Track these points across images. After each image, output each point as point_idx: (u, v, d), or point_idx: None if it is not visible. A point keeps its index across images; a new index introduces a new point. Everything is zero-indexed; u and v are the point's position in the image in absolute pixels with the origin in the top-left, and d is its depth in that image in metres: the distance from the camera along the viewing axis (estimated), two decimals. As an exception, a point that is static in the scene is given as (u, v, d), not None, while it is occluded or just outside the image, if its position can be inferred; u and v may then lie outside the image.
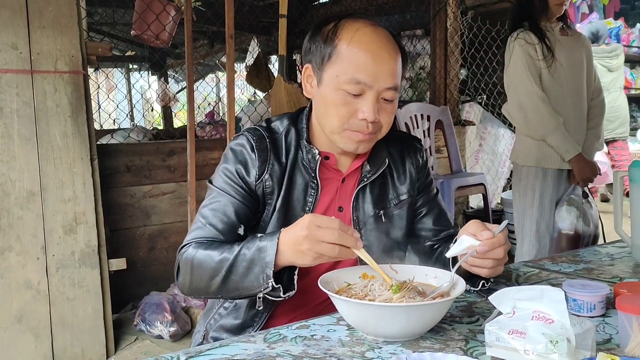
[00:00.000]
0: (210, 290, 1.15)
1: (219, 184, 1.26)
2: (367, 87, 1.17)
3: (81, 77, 2.66)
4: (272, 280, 1.06)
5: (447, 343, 0.98)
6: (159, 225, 3.38)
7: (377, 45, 1.18)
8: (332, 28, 1.21)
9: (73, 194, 2.63)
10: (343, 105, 1.19)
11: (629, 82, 9.21)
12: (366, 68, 1.16)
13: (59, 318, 2.62)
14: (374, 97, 1.18)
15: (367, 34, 1.19)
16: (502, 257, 1.09)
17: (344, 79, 1.17)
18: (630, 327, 0.91)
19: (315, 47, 1.23)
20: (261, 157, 1.25)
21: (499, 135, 4.93)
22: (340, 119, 1.20)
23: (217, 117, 5.74)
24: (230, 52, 3.13)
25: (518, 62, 2.65)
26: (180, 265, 1.21)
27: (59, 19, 2.59)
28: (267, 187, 1.25)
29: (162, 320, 2.87)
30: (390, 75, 1.19)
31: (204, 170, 3.33)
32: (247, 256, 1.09)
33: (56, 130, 2.60)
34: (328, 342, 0.99)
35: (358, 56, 1.17)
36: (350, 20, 1.21)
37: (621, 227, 1.56)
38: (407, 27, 5.30)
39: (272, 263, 1.05)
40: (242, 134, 1.29)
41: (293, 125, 1.31)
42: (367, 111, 1.18)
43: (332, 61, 1.19)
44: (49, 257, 2.59)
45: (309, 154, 1.27)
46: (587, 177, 2.66)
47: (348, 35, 1.19)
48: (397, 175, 1.36)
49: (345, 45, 1.18)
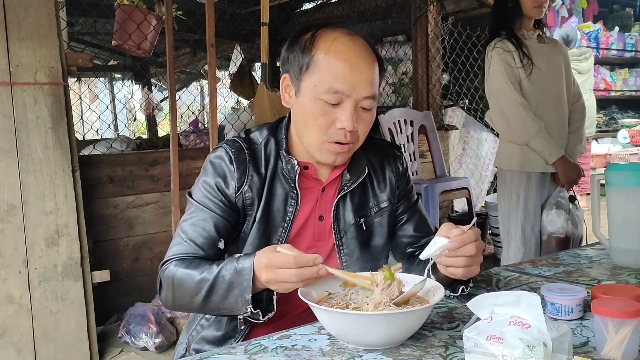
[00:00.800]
0: (193, 307, 1.17)
1: (198, 197, 1.26)
2: (345, 96, 1.18)
3: (61, 88, 2.64)
4: (250, 306, 1.08)
5: (427, 350, 0.98)
6: (143, 235, 3.35)
7: (354, 55, 1.19)
8: (310, 38, 1.21)
9: (55, 206, 2.61)
10: (321, 115, 1.19)
11: (609, 84, 9.34)
12: (344, 77, 1.17)
13: (42, 332, 2.59)
14: (352, 106, 1.19)
15: (344, 43, 1.19)
16: (474, 253, 1.09)
17: (322, 89, 1.18)
18: (606, 330, 0.92)
19: (292, 57, 1.24)
20: (240, 168, 1.25)
21: (482, 139, 4.98)
22: (319, 130, 1.20)
23: (201, 125, 5.72)
24: (212, 60, 3.13)
25: (497, 71, 2.69)
26: (162, 282, 1.21)
27: (38, 30, 2.58)
28: (246, 198, 1.25)
29: (147, 332, 2.85)
30: (368, 84, 1.19)
31: (188, 180, 3.31)
32: (226, 278, 1.10)
33: (37, 142, 2.57)
34: (309, 351, 1.00)
35: (335, 66, 1.17)
36: (327, 29, 1.22)
37: (599, 230, 1.58)
38: (389, 33, 5.33)
39: (250, 288, 1.06)
40: (220, 146, 1.29)
41: (272, 135, 1.31)
42: (346, 120, 1.18)
43: (309, 71, 1.20)
44: (31, 270, 2.56)
45: (288, 164, 1.27)
46: (571, 179, 2.70)
47: (325, 44, 1.19)
48: (377, 183, 1.37)
49: (322, 55, 1.19)
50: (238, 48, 6.32)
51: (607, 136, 8.54)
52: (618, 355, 0.91)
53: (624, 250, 1.47)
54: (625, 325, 0.91)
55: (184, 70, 8.16)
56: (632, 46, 9.33)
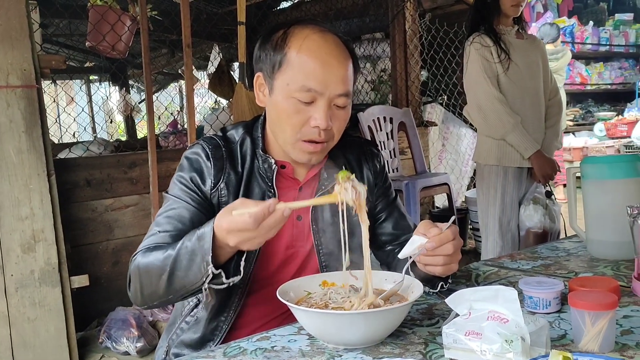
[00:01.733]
0: (160, 292, 1.12)
1: (174, 192, 1.25)
2: (318, 94, 1.17)
3: (35, 90, 2.59)
4: (211, 266, 1.02)
5: (407, 347, 0.98)
6: (123, 238, 3.31)
7: (325, 52, 1.18)
8: (282, 35, 1.20)
9: (30, 211, 2.56)
10: (295, 113, 1.18)
11: (584, 78, 9.46)
12: (315, 75, 1.16)
13: (20, 339, 2.54)
14: (326, 104, 1.18)
15: (315, 40, 1.18)
16: (452, 252, 1.08)
17: (294, 87, 1.17)
18: (583, 323, 0.93)
19: (265, 55, 1.23)
20: (217, 165, 1.24)
21: (461, 134, 5.00)
22: (292, 128, 1.20)
23: (180, 126, 5.68)
24: (188, 61, 3.10)
25: (475, 66, 2.71)
26: (130, 276, 1.19)
27: (9, 33, 2.52)
28: (222, 195, 1.24)
29: (128, 336, 2.82)
30: (341, 82, 1.19)
31: (167, 181, 3.23)
32: (188, 248, 1.06)
33: (10, 147, 2.52)
34: (288, 352, 0.99)
35: (307, 64, 1.16)
36: (299, 27, 1.21)
37: (576, 223, 1.60)
38: (367, 31, 5.34)
39: (209, 249, 1.01)
40: (197, 143, 1.28)
41: (248, 134, 1.30)
42: (319, 118, 1.17)
43: (282, 69, 1.19)
44: (7, 277, 2.51)
45: (265, 163, 1.26)
46: (547, 173, 2.73)
47: (297, 42, 1.18)
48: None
49: (294, 53, 1.17)
50: (216, 48, 6.28)
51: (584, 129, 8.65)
52: (595, 347, 0.92)
53: (601, 242, 1.48)
54: (601, 317, 0.91)
55: (161, 71, 8.09)
56: (606, 40, 9.47)
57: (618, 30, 9.55)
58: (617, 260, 1.44)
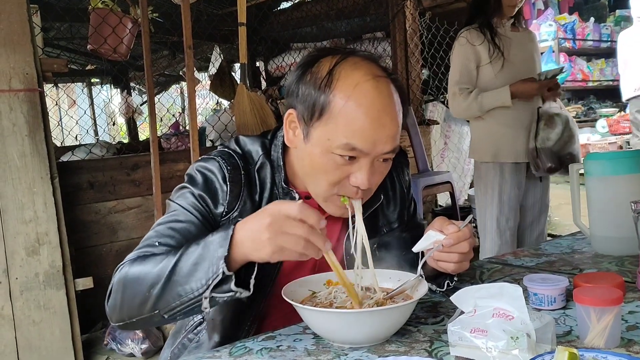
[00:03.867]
0: (146, 305, 0.99)
1: (181, 202, 1.13)
2: (363, 154, 1.04)
3: (37, 94, 2.60)
4: (223, 265, 0.91)
5: (412, 345, 0.98)
6: (126, 240, 3.32)
7: (378, 108, 1.03)
8: (327, 77, 1.04)
9: (34, 214, 2.57)
10: (334, 170, 1.06)
11: (586, 74, 9.44)
12: (363, 135, 1.02)
13: (26, 342, 2.55)
14: (369, 163, 1.05)
15: (368, 91, 1.03)
16: (467, 251, 1.07)
17: (336, 144, 1.03)
18: (589, 319, 0.93)
19: (302, 94, 1.07)
20: (233, 191, 1.12)
21: (463, 133, 5.00)
22: (329, 184, 1.08)
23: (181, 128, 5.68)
24: (190, 62, 3.10)
25: (455, 60, 2.76)
26: (112, 287, 1.05)
27: (10, 37, 2.53)
28: None
29: (133, 338, 2.83)
30: (391, 140, 1.05)
31: (170, 183, 3.29)
32: (194, 253, 0.95)
33: (13, 150, 2.53)
34: (294, 352, 0.99)
35: (355, 120, 1.02)
36: (348, 67, 1.05)
37: (579, 219, 1.60)
38: (367, 30, 5.34)
39: (224, 255, 0.91)
40: (214, 158, 1.14)
41: (267, 157, 1.17)
42: (360, 179, 1.05)
43: (323, 119, 1.04)
44: (11, 280, 2.52)
45: (287, 195, 1.15)
46: (534, 90, 2.66)
47: (346, 90, 1.02)
48: (387, 201, 1.29)
49: (341, 103, 1.02)
50: (217, 49, 6.29)
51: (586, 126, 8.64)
52: (601, 343, 0.92)
53: (605, 238, 1.48)
54: (607, 313, 0.91)
55: (163, 72, 8.10)
56: (607, 36, 9.45)
57: (619, 26, 9.52)
58: (621, 256, 1.44)
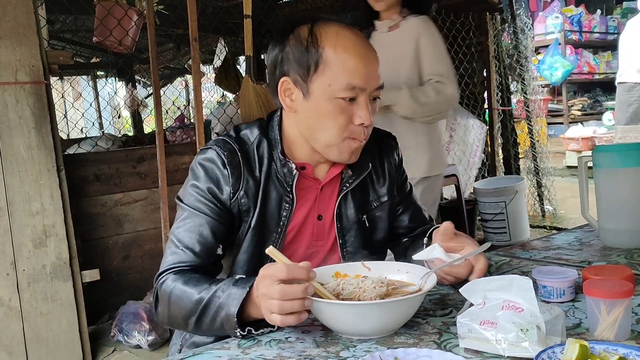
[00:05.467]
0: (188, 329, 1.13)
1: (190, 202, 1.19)
2: (361, 90, 1.15)
3: (43, 87, 2.60)
4: (238, 330, 1.01)
5: (421, 337, 0.98)
6: (132, 233, 3.33)
7: (361, 47, 1.17)
8: (310, 37, 1.16)
9: (41, 206, 2.58)
10: (340, 114, 1.16)
11: (592, 67, 9.38)
12: (358, 72, 1.14)
13: (33, 334, 2.56)
14: (366, 100, 1.17)
15: (349, 37, 1.16)
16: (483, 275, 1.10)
17: (338, 87, 1.14)
18: (599, 311, 0.93)
19: (293, 59, 1.17)
20: (234, 173, 1.18)
21: (469, 125, 4.98)
22: (339, 129, 1.17)
23: (187, 121, 5.68)
24: (195, 55, 3.10)
25: None
26: (158, 296, 1.15)
27: (17, 29, 2.53)
28: (242, 204, 1.19)
29: (139, 330, 2.84)
30: (378, 74, 1.19)
31: (176, 176, 3.29)
32: (220, 299, 1.03)
33: (20, 143, 2.54)
34: (303, 343, 0.99)
35: (348, 61, 1.14)
36: (323, 25, 1.17)
37: (588, 212, 1.59)
38: (373, 22, 5.31)
39: (235, 314, 0.99)
40: (210, 148, 1.21)
41: (264, 135, 1.24)
42: (364, 116, 1.16)
43: (319, 71, 1.15)
44: (19, 272, 2.53)
45: (284, 167, 1.21)
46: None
47: (331, 41, 1.15)
48: (377, 177, 1.33)
49: (331, 52, 1.14)
50: (222, 42, 6.27)
51: (592, 119, 8.59)
52: (611, 336, 0.91)
53: (613, 231, 1.48)
54: (617, 305, 0.91)
55: (168, 65, 8.08)
56: (614, 29, 9.39)
57: (626, 18, 9.46)
58: (630, 248, 1.43)
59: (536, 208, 5.36)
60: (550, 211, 5.36)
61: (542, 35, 8.96)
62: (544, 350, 0.83)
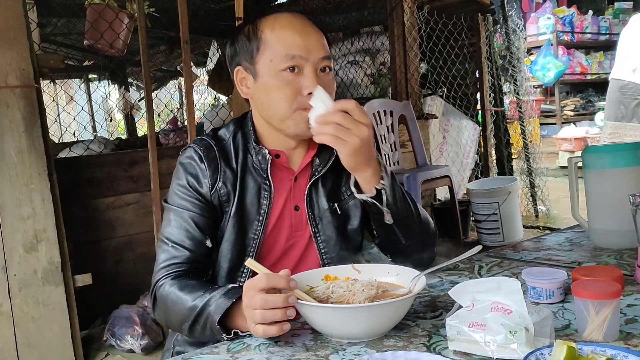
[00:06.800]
0: (184, 334, 1.17)
1: (174, 201, 1.26)
2: (303, 60, 1.20)
3: (34, 90, 2.59)
4: (224, 336, 1.05)
5: (411, 340, 0.98)
6: (125, 236, 3.31)
7: (299, 24, 1.23)
8: (252, 26, 1.25)
9: (32, 211, 2.56)
10: (286, 85, 1.20)
11: (585, 67, 9.42)
12: (296, 42, 1.20)
13: (25, 339, 2.55)
14: (312, 69, 1.21)
15: (286, 17, 1.25)
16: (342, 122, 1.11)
17: (278, 60, 1.20)
18: (587, 312, 0.93)
19: (239, 48, 1.27)
20: (211, 166, 1.25)
21: (462, 126, 4.99)
22: (287, 100, 1.21)
23: (180, 123, 5.67)
24: (187, 57, 3.09)
25: None
26: (157, 299, 1.20)
27: (6, 33, 2.52)
28: (222, 195, 1.25)
29: (132, 334, 2.82)
30: (321, 46, 1.23)
31: (168, 179, 3.23)
32: (210, 307, 1.08)
33: (10, 147, 2.52)
34: (292, 347, 0.99)
35: (285, 36, 1.21)
36: (264, 16, 1.26)
37: (578, 212, 1.59)
38: (366, 24, 5.32)
39: (216, 322, 1.05)
40: (189, 147, 1.30)
41: (239, 129, 1.31)
42: (310, 84, 1.19)
43: (261, 51, 1.23)
44: (10, 277, 2.52)
45: (258, 154, 1.27)
46: None
47: (268, 24, 1.23)
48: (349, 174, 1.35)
49: (269, 33, 1.22)
50: (215, 44, 6.27)
51: (585, 119, 8.62)
52: (599, 337, 0.92)
53: (603, 232, 1.48)
54: (605, 306, 0.91)
55: (160, 68, 8.07)
56: (606, 29, 9.43)
57: (618, 19, 9.51)
58: (620, 249, 1.44)
59: (529, 208, 5.37)
60: (543, 211, 5.38)
61: (534, 36, 8.99)
62: (533, 352, 0.83)
